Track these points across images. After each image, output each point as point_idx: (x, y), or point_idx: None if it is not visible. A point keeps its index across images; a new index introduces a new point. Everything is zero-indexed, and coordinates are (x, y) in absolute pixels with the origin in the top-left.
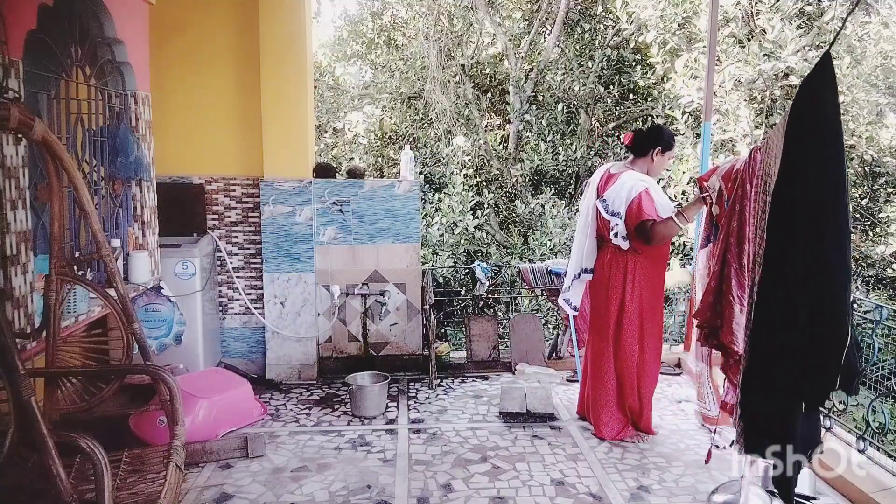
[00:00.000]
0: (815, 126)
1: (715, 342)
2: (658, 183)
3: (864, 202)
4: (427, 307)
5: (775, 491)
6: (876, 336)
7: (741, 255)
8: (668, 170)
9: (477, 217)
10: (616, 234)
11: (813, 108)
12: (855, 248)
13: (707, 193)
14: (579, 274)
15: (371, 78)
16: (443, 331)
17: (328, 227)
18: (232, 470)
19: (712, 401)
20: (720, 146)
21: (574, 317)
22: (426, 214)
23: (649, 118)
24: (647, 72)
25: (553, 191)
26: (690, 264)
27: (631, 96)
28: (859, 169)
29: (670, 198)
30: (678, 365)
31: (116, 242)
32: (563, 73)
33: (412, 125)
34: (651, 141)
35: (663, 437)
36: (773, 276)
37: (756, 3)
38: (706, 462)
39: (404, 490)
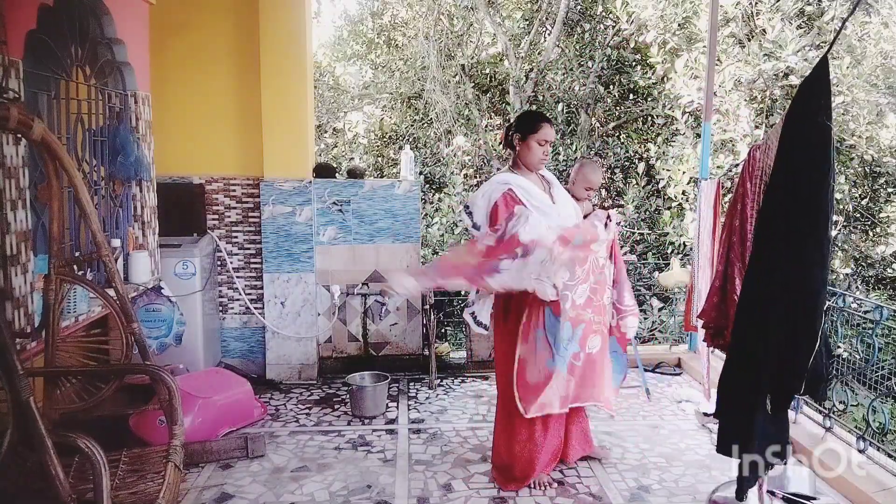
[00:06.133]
0: (807, 131)
1: (721, 342)
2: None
3: (864, 202)
4: (427, 307)
5: (775, 491)
6: (876, 336)
7: (744, 254)
8: (667, 170)
9: None
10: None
11: (807, 112)
12: (855, 248)
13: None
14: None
15: (371, 78)
16: (443, 331)
17: (328, 227)
18: (232, 470)
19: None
20: (720, 146)
21: None
22: (426, 214)
23: (649, 118)
24: (647, 72)
25: None
26: (690, 265)
27: (631, 96)
28: (859, 169)
29: (670, 197)
30: (678, 365)
31: (116, 242)
32: (563, 73)
33: (412, 125)
34: (509, 130)
35: (663, 437)
36: (753, 278)
37: (756, 3)
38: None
39: (404, 490)
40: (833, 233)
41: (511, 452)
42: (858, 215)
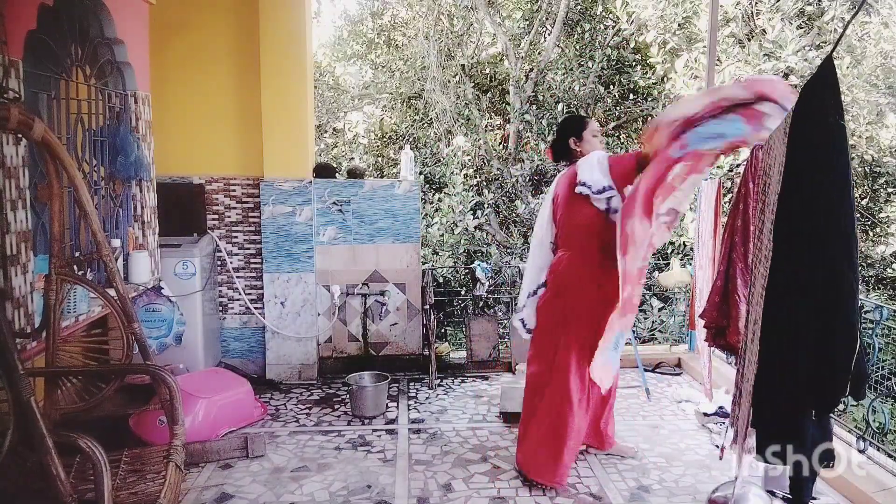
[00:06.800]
0: (818, 130)
1: (722, 342)
2: None
3: (864, 202)
4: (427, 307)
5: (775, 491)
6: (876, 336)
7: (746, 253)
8: None
9: (477, 217)
10: (616, 211)
11: (814, 112)
12: None
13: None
14: (536, 290)
15: (371, 78)
16: (443, 331)
17: (328, 227)
18: (232, 470)
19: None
20: None
21: None
22: (426, 214)
23: (649, 118)
24: (647, 72)
25: None
26: (690, 264)
27: (631, 96)
28: (859, 169)
29: None
30: (678, 365)
31: (116, 242)
32: (563, 73)
33: (412, 125)
34: (561, 138)
35: (663, 437)
36: (781, 282)
37: (756, 3)
38: (720, 458)
39: (404, 490)
40: None
41: (564, 448)
42: (858, 215)
